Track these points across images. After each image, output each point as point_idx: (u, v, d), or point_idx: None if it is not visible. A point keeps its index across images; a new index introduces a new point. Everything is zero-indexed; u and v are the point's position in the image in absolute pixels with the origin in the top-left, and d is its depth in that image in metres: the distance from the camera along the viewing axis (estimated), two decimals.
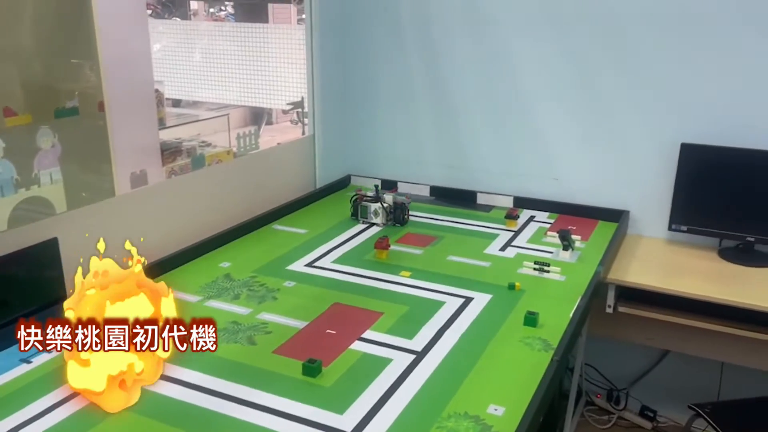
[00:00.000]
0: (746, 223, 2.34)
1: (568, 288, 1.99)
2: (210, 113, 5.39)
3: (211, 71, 6.14)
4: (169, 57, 6.49)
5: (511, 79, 2.68)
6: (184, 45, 6.50)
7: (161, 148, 3.32)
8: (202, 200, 2.33)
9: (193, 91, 6.49)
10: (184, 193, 2.28)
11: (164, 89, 4.19)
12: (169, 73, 6.39)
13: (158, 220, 2.16)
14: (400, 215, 2.52)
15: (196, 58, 6.53)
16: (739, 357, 2.34)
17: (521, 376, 1.52)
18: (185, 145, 3.57)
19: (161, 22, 7.96)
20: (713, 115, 2.38)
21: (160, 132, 3.80)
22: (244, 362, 1.57)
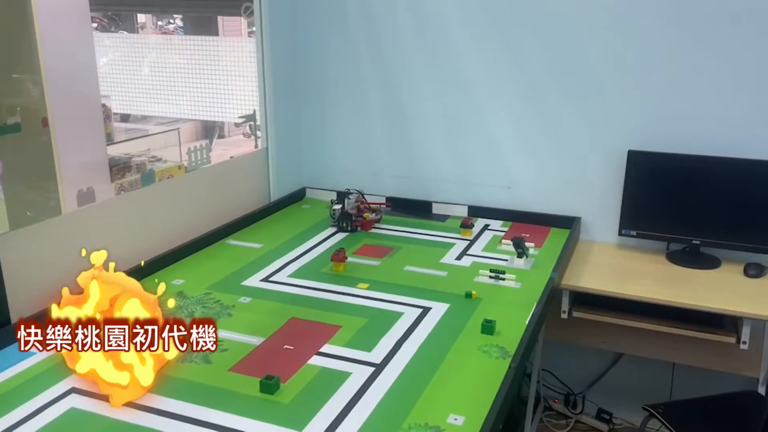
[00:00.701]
0: (692, 226, 2.41)
1: (524, 295, 2.01)
2: (160, 128, 5.29)
3: (160, 85, 6.03)
4: (117, 71, 6.35)
5: (464, 91, 2.71)
6: (133, 59, 6.37)
7: (110, 164, 3.24)
8: (153, 217, 2.28)
9: (142, 105, 6.35)
10: (134, 210, 2.22)
11: (112, 104, 4.09)
12: (118, 88, 6.25)
13: (107, 238, 2.10)
14: (343, 223, 2.57)
15: (144, 72, 6.41)
16: (688, 357, 2.41)
17: (480, 385, 1.53)
18: (135, 160, 3.49)
19: (108, 35, 7.78)
20: (659, 123, 2.46)
21: (109, 148, 3.71)
22: (199, 382, 1.53)
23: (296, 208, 2.92)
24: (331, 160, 3.03)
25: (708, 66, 2.36)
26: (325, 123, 2.99)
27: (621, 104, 2.50)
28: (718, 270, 2.38)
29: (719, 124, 2.38)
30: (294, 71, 2.91)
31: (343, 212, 2.55)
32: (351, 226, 2.56)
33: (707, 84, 2.37)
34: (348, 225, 2.56)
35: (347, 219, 2.56)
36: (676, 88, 2.41)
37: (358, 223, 2.58)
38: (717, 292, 2.18)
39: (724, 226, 2.36)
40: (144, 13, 8.88)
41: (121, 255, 2.11)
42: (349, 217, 2.56)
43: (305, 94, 2.98)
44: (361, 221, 2.58)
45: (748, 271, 2.31)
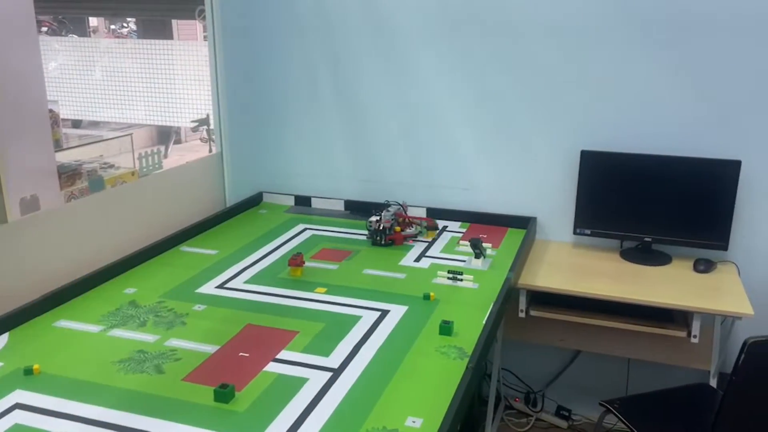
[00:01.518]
0: (643, 224, 2.47)
1: (481, 295, 2.02)
2: (115, 133, 5.16)
3: (113, 89, 5.89)
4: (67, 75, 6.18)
5: (420, 93, 2.72)
6: (83, 63, 6.21)
7: (59, 171, 3.14)
8: (104, 224, 2.22)
9: (94, 110, 6.19)
10: (83, 218, 2.16)
11: (60, 109, 3.98)
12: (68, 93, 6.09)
13: (55, 246, 2.04)
14: (377, 237, 2.45)
15: (96, 77, 6.25)
16: (643, 352, 2.46)
17: (438, 386, 1.53)
18: (86, 167, 3.40)
19: (57, 39, 7.58)
20: (611, 123, 2.51)
21: (59, 154, 3.60)
22: (151, 393, 1.49)
23: (253, 213, 2.88)
24: (289, 164, 3.00)
25: (658, 67, 2.41)
26: (283, 126, 2.96)
27: (574, 105, 2.54)
28: (669, 266, 2.43)
29: (669, 124, 2.44)
30: (249, 75, 2.88)
31: (377, 225, 2.45)
32: (385, 240, 2.45)
33: (657, 85, 2.43)
34: (382, 239, 2.45)
35: (381, 233, 2.44)
36: (627, 89, 2.46)
37: (392, 237, 2.46)
38: (668, 288, 2.23)
39: (674, 224, 2.42)
40: (96, 17, 8.67)
41: (69, 264, 2.06)
42: (383, 231, 2.45)
43: (261, 98, 2.95)
44: (394, 235, 2.47)
45: (697, 267, 2.37)
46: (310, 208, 2.96)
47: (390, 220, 2.46)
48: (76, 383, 1.52)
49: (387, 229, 2.44)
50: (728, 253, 2.42)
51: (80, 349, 1.68)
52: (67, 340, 1.72)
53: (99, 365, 1.60)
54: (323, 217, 2.83)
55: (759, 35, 2.29)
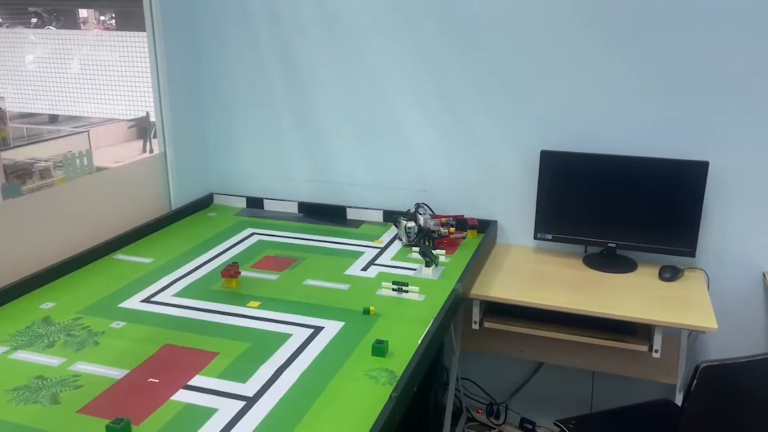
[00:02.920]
0: (607, 229, 2.33)
1: (426, 309, 1.88)
2: (85, 128, 4.98)
3: (88, 83, 5.70)
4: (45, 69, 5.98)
5: (375, 91, 2.57)
6: (59, 56, 6.02)
7: (5, 170, 2.99)
8: (26, 231, 2.06)
9: (69, 104, 6.00)
10: (8, 224, 2.00)
11: (6, 105, 3.81)
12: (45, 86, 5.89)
13: None
14: (425, 242, 2.24)
15: (73, 70, 6.06)
16: (606, 365, 2.32)
17: (360, 417, 1.39)
18: (37, 166, 3.24)
19: (33, 31, 7.38)
20: (572, 122, 2.36)
21: (7, 152, 3.43)
22: (40, 428, 1.34)
23: (201, 216, 2.72)
24: (240, 165, 2.85)
25: (621, 64, 2.26)
26: (232, 125, 2.80)
27: (533, 103, 2.39)
28: (634, 273, 2.29)
29: (633, 123, 2.30)
30: (194, 70, 2.72)
31: (422, 230, 2.26)
32: (434, 244, 2.25)
33: (621, 82, 2.28)
34: (432, 243, 2.24)
35: (428, 237, 2.24)
36: (589, 86, 2.32)
37: (443, 240, 2.27)
38: (631, 298, 2.10)
39: (639, 229, 2.28)
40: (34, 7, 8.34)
41: None
42: (431, 235, 2.26)
43: (208, 95, 2.79)
44: (446, 239, 2.30)
45: (663, 274, 2.23)
46: (263, 210, 2.81)
47: (431, 224, 2.28)
48: None
49: (435, 232, 2.27)
50: (697, 260, 2.28)
51: None
52: None
53: None
54: (275, 220, 2.68)
55: (726, 32, 2.14)
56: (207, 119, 2.82)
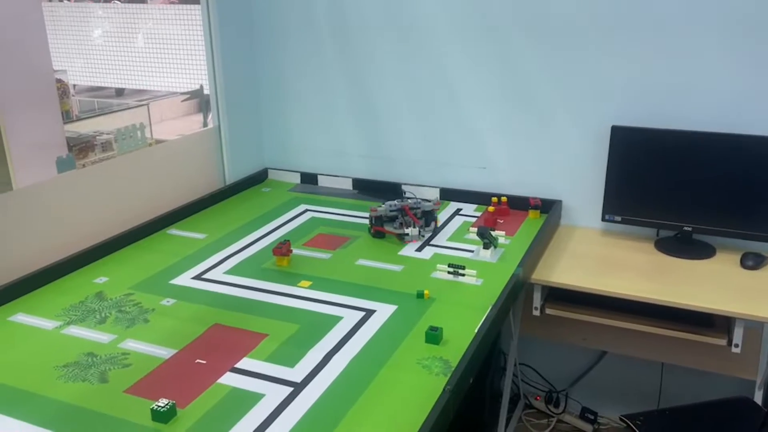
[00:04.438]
0: (683, 211, 2.15)
1: (484, 294, 1.78)
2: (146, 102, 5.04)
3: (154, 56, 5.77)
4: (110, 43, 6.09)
5: (435, 65, 2.44)
6: (125, 29, 6.11)
7: (69, 143, 3.03)
8: (80, 206, 2.06)
9: (137, 78, 6.10)
10: (63, 198, 2.01)
11: (68, 78, 3.87)
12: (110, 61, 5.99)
13: (27, 230, 1.89)
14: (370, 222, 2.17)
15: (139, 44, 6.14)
16: (678, 357, 2.17)
17: (411, 409, 1.31)
18: (99, 139, 3.28)
19: (100, 5, 7.52)
20: (647, 95, 2.18)
21: (72, 125, 3.49)
22: (86, 407, 1.33)
23: (255, 191, 2.69)
24: (295, 139, 2.79)
25: (702, 29, 2.06)
26: (287, 99, 2.74)
27: (604, 74, 2.22)
28: (712, 260, 2.12)
29: (715, 96, 2.10)
30: (248, 43, 2.66)
31: (401, 209, 2.16)
32: (371, 231, 2.18)
33: (701, 49, 2.08)
34: (370, 228, 2.18)
35: (370, 221, 2.17)
36: (665, 54, 2.12)
37: (378, 229, 2.16)
38: (709, 287, 1.93)
39: (719, 211, 2.10)
40: None
41: (43, 248, 1.91)
42: (370, 220, 2.18)
43: (263, 69, 2.73)
44: (381, 228, 2.16)
45: (745, 262, 2.05)
46: (317, 186, 2.75)
47: (387, 211, 2.16)
48: (9, 392, 1.37)
49: (375, 219, 2.17)
50: None
51: (27, 349, 1.53)
52: (17, 338, 1.58)
53: (41, 370, 1.45)
54: (329, 197, 2.62)
55: None
56: (262, 93, 2.76)
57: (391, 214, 2.17)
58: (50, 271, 1.87)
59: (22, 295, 1.77)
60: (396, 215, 2.17)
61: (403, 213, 2.18)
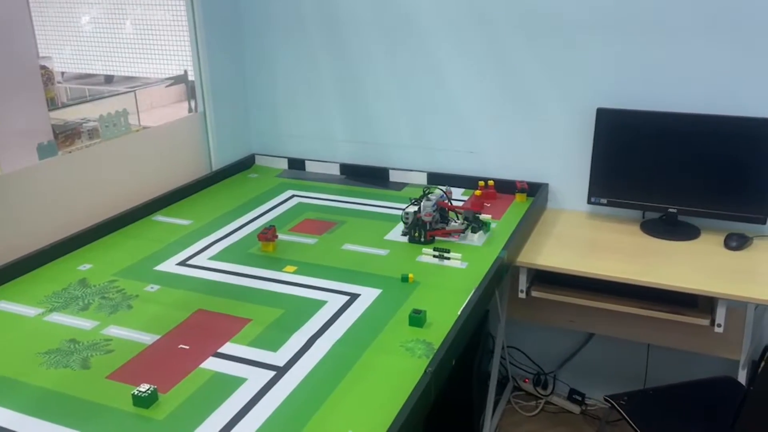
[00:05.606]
0: (667, 193, 2.16)
1: (468, 277, 1.78)
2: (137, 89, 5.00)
3: (143, 43, 5.72)
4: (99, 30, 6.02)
5: (422, 50, 2.43)
6: (113, 16, 6.05)
7: (55, 131, 3.01)
8: (63, 192, 2.05)
9: (124, 65, 6.04)
10: (47, 185, 1.99)
11: (54, 65, 3.82)
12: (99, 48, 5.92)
13: (8, 217, 1.88)
14: (415, 233, 2.00)
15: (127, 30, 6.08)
16: (663, 338, 2.18)
17: (393, 392, 1.31)
18: (86, 126, 3.25)
19: None
20: (631, 77, 2.18)
21: (58, 112, 3.46)
22: (68, 393, 1.33)
23: (242, 177, 2.68)
24: (282, 125, 2.77)
25: (685, 9, 2.06)
26: (274, 84, 2.72)
27: (589, 57, 2.21)
28: (696, 241, 2.13)
29: (700, 77, 2.10)
30: (233, 28, 2.63)
31: (416, 219, 2.00)
32: (425, 237, 2.00)
33: (684, 31, 2.08)
34: (422, 235, 1.99)
35: (421, 228, 2.00)
36: (649, 36, 2.12)
37: (434, 233, 2.00)
38: (693, 268, 1.94)
39: (703, 193, 2.11)
40: None
41: (27, 235, 1.90)
42: (424, 226, 2.00)
43: (249, 54, 2.71)
44: (440, 231, 2.01)
45: (728, 243, 2.06)
46: (305, 171, 2.74)
47: (432, 212, 1.99)
48: None
49: (429, 224, 1.99)
50: (767, 227, 2.09)
51: (8, 336, 1.53)
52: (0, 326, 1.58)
53: (22, 357, 1.44)
54: (316, 182, 2.61)
55: None
56: (248, 78, 2.74)
57: (436, 215, 2.01)
58: (33, 258, 1.86)
59: (4, 283, 1.77)
60: (436, 215, 2.01)
61: (444, 210, 2.05)
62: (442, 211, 2.05)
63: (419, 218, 1.99)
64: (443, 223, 2.05)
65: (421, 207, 2.00)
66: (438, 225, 2.03)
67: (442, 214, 2.05)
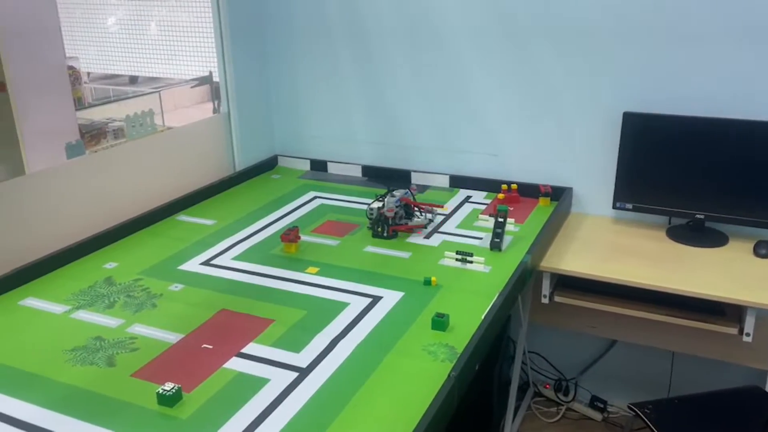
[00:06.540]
0: (695, 198, 2.12)
1: (492, 281, 1.77)
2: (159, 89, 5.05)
3: (167, 44, 5.78)
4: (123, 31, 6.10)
5: (444, 50, 2.42)
6: (137, 17, 6.12)
7: (81, 130, 3.05)
8: (92, 190, 2.07)
9: (148, 66, 6.11)
10: (72, 183, 2.01)
11: (81, 65, 3.88)
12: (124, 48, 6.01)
13: (37, 215, 1.90)
14: (378, 227, 2.07)
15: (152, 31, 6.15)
16: (689, 346, 2.15)
17: (415, 396, 1.31)
18: (112, 126, 3.29)
19: None
20: (658, 81, 2.15)
21: (85, 112, 3.51)
22: (94, 390, 1.34)
23: (265, 178, 2.69)
24: (305, 126, 2.78)
25: (716, 13, 2.02)
26: (297, 86, 2.73)
27: (616, 60, 2.19)
28: (724, 248, 2.09)
29: (727, 81, 2.06)
30: (258, 30, 2.65)
31: (379, 214, 2.06)
32: (388, 232, 2.08)
33: (714, 34, 2.04)
34: (384, 230, 2.06)
35: (383, 223, 2.07)
36: (678, 39, 2.09)
37: (396, 228, 2.07)
38: (721, 276, 1.91)
39: (732, 199, 2.07)
40: None
41: (54, 233, 1.93)
42: (386, 221, 2.07)
43: (273, 56, 2.72)
44: (404, 226, 2.08)
45: (758, 250, 2.02)
46: (327, 173, 2.74)
47: (394, 208, 2.06)
48: (18, 375, 1.39)
49: (391, 219, 2.06)
50: None
51: (37, 333, 1.55)
52: (26, 322, 1.60)
53: (50, 353, 1.46)
54: (338, 184, 2.61)
55: None
56: (272, 80, 2.76)
57: (399, 211, 2.09)
58: (60, 256, 1.88)
59: (32, 280, 1.79)
60: (400, 211, 2.09)
61: (408, 206, 2.13)
62: (407, 208, 2.12)
63: (382, 214, 2.05)
64: (407, 219, 2.11)
65: (385, 203, 2.06)
66: (401, 221, 2.09)
67: (408, 210, 2.12)
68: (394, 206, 2.06)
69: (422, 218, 2.14)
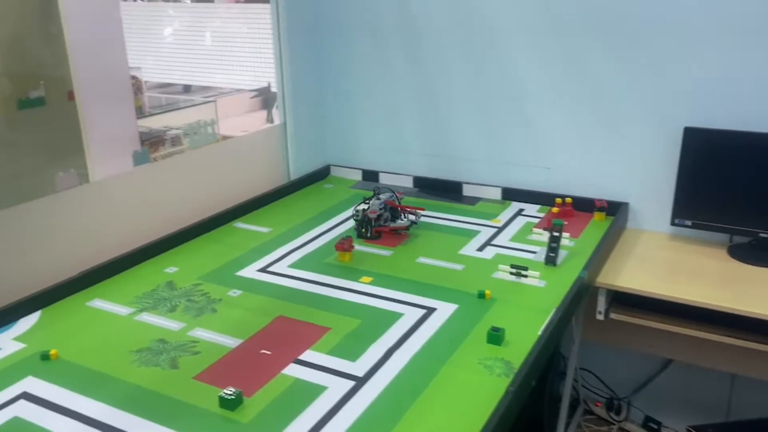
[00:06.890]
0: (758, 216, 2.06)
1: (547, 296, 1.75)
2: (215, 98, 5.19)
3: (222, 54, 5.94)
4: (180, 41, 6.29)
5: (501, 63, 2.42)
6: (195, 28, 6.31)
7: (141, 138, 3.15)
8: (155, 197, 2.14)
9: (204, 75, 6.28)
10: (134, 190, 2.09)
11: (142, 75, 4.01)
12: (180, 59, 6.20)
13: (102, 220, 1.98)
14: (362, 228, 2.17)
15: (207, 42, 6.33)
16: (750, 369, 2.08)
17: (472, 409, 1.31)
18: (169, 134, 3.39)
19: (171, 5, 7.76)
20: (721, 95, 2.10)
21: (144, 121, 3.63)
22: (158, 391, 1.38)
23: (318, 187, 2.73)
24: (357, 137, 2.81)
25: None
26: (350, 97, 2.77)
27: (677, 74, 2.15)
28: None
29: None
30: (315, 42, 2.70)
31: (364, 216, 2.16)
32: (372, 233, 2.16)
33: None
34: (368, 230, 2.16)
35: (367, 224, 2.16)
36: (741, 54, 2.04)
37: (379, 230, 2.16)
38: None
39: None
40: None
41: (118, 238, 2.00)
42: (370, 222, 2.16)
43: (327, 67, 2.77)
44: (384, 227, 2.18)
45: None
46: (378, 183, 2.77)
47: (378, 210, 2.15)
48: (88, 374, 1.44)
49: (373, 220, 2.14)
50: None
51: (104, 333, 1.61)
52: (94, 323, 1.66)
53: (117, 354, 1.52)
54: None
55: None
56: (326, 91, 2.80)
57: (384, 213, 2.19)
58: (124, 260, 1.95)
59: (98, 282, 1.86)
60: (385, 213, 2.20)
61: (394, 209, 2.23)
62: (393, 211, 2.22)
63: (366, 215, 2.13)
64: (391, 221, 2.20)
65: (370, 205, 2.15)
66: (386, 223, 2.18)
67: (394, 213, 2.22)
68: (377, 208, 2.16)
69: (405, 221, 2.22)
